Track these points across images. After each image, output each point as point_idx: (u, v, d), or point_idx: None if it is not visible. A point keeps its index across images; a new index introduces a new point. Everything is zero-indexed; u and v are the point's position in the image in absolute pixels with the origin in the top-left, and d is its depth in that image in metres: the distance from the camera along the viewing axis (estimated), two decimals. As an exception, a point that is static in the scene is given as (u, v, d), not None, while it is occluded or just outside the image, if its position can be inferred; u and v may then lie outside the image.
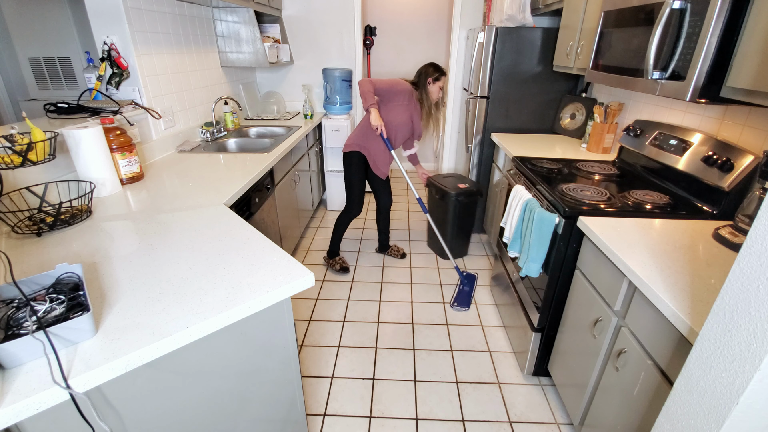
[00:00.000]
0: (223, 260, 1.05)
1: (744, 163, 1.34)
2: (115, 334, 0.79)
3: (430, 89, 2.37)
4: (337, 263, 2.65)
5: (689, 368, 0.70)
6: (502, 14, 2.62)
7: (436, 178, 2.76)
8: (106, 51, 1.85)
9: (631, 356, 1.12)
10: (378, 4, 4.16)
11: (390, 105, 2.34)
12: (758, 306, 0.56)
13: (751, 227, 0.58)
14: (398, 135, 2.43)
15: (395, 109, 2.35)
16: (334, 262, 2.66)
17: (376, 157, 2.41)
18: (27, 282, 0.87)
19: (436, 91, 2.39)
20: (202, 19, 2.57)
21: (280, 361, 1.08)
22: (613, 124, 2.21)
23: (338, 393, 1.73)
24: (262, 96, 3.49)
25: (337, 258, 2.67)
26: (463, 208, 2.67)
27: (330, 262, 2.67)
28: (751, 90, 1.10)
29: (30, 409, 0.66)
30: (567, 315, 1.55)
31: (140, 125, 1.96)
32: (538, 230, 1.53)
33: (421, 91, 2.38)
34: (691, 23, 1.24)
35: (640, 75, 1.48)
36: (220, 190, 1.59)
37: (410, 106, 2.38)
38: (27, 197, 1.32)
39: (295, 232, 2.76)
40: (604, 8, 1.78)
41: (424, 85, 2.36)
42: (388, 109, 2.34)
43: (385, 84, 2.27)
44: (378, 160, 2.42)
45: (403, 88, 2.32)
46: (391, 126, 2.36)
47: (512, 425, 1.59)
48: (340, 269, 2.63)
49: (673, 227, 1.32)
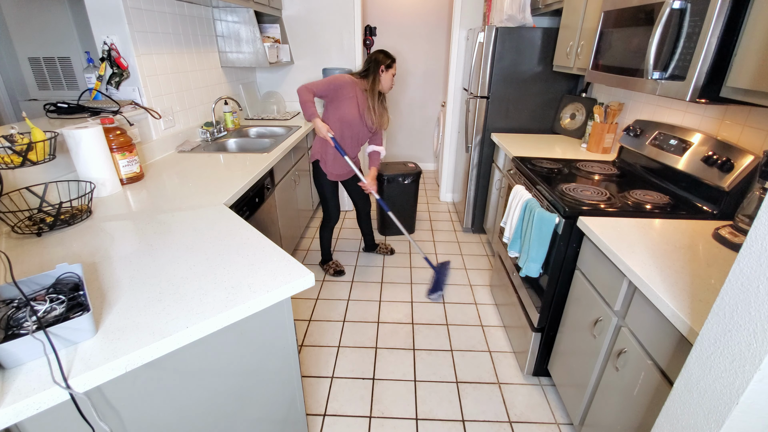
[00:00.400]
0: (223, 260, 1.05)
1: (744, 163, 1.34)
2: (115, 334, 0.79)
3: (382, 78, 2.20)
4: (330, 268, 2.65)
5: (689, 368, 0.70)
6: (502, 14, 2.62)
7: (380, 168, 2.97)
8: (106, 51, 1.85)
9: (631, 356, 1.12)
10: (378, 4, 4.16)
11: (337, 102, 2.19)
12: (758, 306, 0.56)
13: (751, 227, 0.58)
14: (359, 132, 2.29)
15: (344, 104, 2.19)
16: (327, 267, 2.66)
17: (327, 160, 2.31)
18: (27, 282, 0.87)
19: (389, 79, 2.23)
20: (202, 19, 2.57)
21: (280, 361, 1.08)
22: (613, 124, 2.21)
23: (338, 393, 1.73)
24: (262, 96, 3.49)
25: (330, 263, 2.67)
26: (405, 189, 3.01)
27: (324, 267, 2.68)
28: (751, 90, 1.10)
29: (30, 409, 0.66)
30: (567, 315, 1.55)
31: (140, 125, 1.96)
32: (538, 230, 1.53)
33: (370, 80, 2.19)
34: (691, 23, 1.24)
35: (640, 75, 1.48)
36: (220, 190, 1.59)
37: (357, 97, 2.20)
38: (27, 197, 1.32)
39: (295, 232, 2.76)
40: (604, 8, 1.78)
41: (375, 73, 2.19)
42: (336, 107, 2.20)
43: (324, 84, 2.14)
44: (329, 163, 2.32)
45: (343, 81, 2.15)
46: (346, 122, 2.21)
47: (512, 425, 1.59)
48: (334, 273, 2.63)
49: (673, 227, 1.32)
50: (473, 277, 2.62)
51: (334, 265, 2.65)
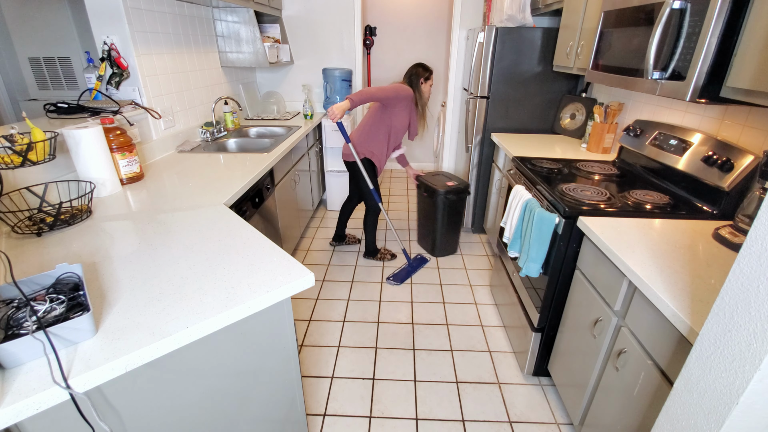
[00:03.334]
0: (223, 260, 1.05)
1: (744, 163, 1.34)
2: (115, 334, 0.79)
3: (423, 89, 2.44)
4: (387, 254, 2.78)
5: (689, 368, 0.70)
6: (502, 14, 2.62)
7: (426, 177, 2.79)
8: (106, 51, 1.85)
9: (631, 356, 1.12)
10: (378, 4, 4.16)
11: (394, 110, 2.40)
12: (758, 306, 0.56)
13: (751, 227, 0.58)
14: (398, 139, 2.54)
15: (398, 114, 2.42)
16: (383, 255, 2.76)
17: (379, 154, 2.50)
18: (27, 282, 0.87)
19: (428, 90, 2.47)
20: (202, 19, 2.57)
21: (280, 361, 1.08)
22: (613, 124, 2.21)
23: (338, 393, 1.73)
24: (262, 96, 3.49)
25: (383, 250, 2.79)
26: (451, 205, 2.69)
27: (379, 256, 2.77)
28: (751, 90, 1.10)
29: (30, 409, 0.66)
30: (567, 315, 1.55)
31: (140, 125, 1.96)
32: (538, 230, 1.53)
33: (414, 91, 2.42)
34: (691, 23, 1.24)
35: (640, 75, 1.48)
36: (220, 190, 1.59)
37: (410, 109, 2.46)
38: (27, 197, 1.32)
39: (295, 232, 2.76)
40: (604, 8, 1.78)
41: (417, 85, 2.42)
42: (392, 114, 2.40)
43: (391, 91, 2.30)
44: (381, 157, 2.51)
45: (407, 93, 2.37)
46: (394, 130, 2.45)
47: (512, 425, 1.59)
48: (391, 257, 2.78)
49: (673, 227, 1.32)
50: (473, 277, 2.62)
51: (388, 253, 2.78)
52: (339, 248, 2.94)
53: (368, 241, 2.73)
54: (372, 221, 2.66)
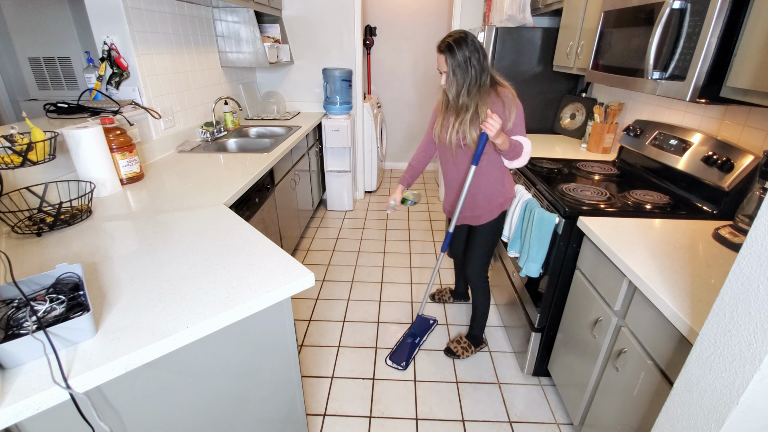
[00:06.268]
0: (223, 260, 1.05)
1: (744, 163, 1.34)
2: (115, 334, 0.79)
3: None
4: (485, 344, 2.02)
5: (689, 368, 0.70)
6: (502, 14, 2.62)
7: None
8: (106, 51, 1.85)
9: (631, 356, 1.12)
10: (378, 4, 4.16)
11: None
12: (758, 306, 0.56)
13: (751, 227, 0.58)
14: None
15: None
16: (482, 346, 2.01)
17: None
18: (27, 282, 0.87)
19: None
20: (202, 19, 2.57)
21: (280, 361, 1.08)
22: (613, 124, 2.21)
23: (338, 393, 1.73)
24: (262, 96, 3.49)
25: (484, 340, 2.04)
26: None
27: (479, 348, 1.99)
28: (751, 90, 1.10)
29: (30, 409, 0.66)
30: (567, 315, 1.55)
31: (140, 125, 1.96)
32: (538, 230, 1.53)
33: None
34: (691, 23, 1.24)
35: (640, 75, 1.48)
36: (220, 190, 1.59)
37: None
38: (27, 197, 1.32)
39: (295, 232, 2.76)
40: (604, 8, 1.78)
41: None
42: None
43: (521, 114, 1.54)
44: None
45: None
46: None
47: (512, 425, 1.59)
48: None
49: (673, 227, 1.32)
50: (473, 277, 2.62)
51: (485, 344, 2.03)
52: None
53: (480, 325, 1.94)
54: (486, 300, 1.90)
